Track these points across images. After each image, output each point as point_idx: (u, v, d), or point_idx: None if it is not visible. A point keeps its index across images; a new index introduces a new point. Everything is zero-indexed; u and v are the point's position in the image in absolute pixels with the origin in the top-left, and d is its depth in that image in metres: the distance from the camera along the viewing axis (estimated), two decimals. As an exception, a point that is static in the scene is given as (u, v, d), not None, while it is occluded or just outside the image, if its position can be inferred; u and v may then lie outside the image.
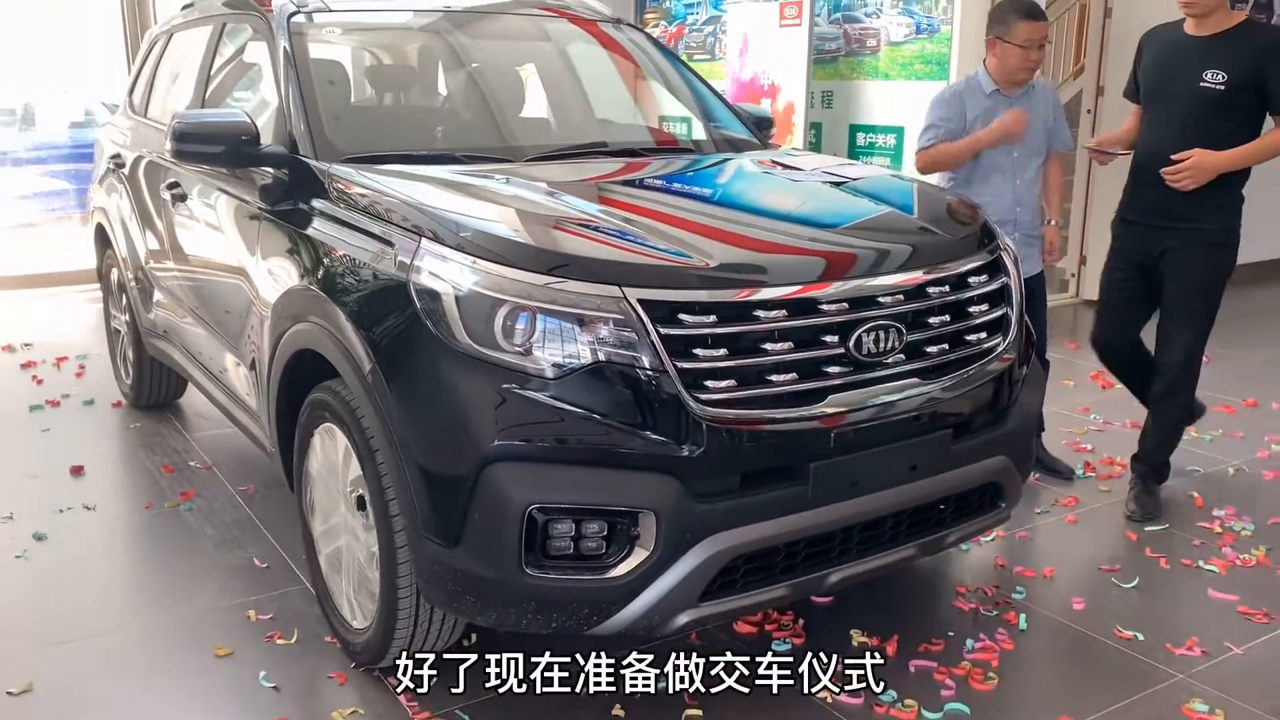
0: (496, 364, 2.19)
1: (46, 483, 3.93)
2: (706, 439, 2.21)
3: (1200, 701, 2.58)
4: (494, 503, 2.16)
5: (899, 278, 2.48)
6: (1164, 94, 3.63)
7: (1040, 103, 3.97)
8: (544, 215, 2.54)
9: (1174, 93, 3.58)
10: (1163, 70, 3.65)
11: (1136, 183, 3.73)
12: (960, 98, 3.90)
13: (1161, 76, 3.65)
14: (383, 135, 3.30)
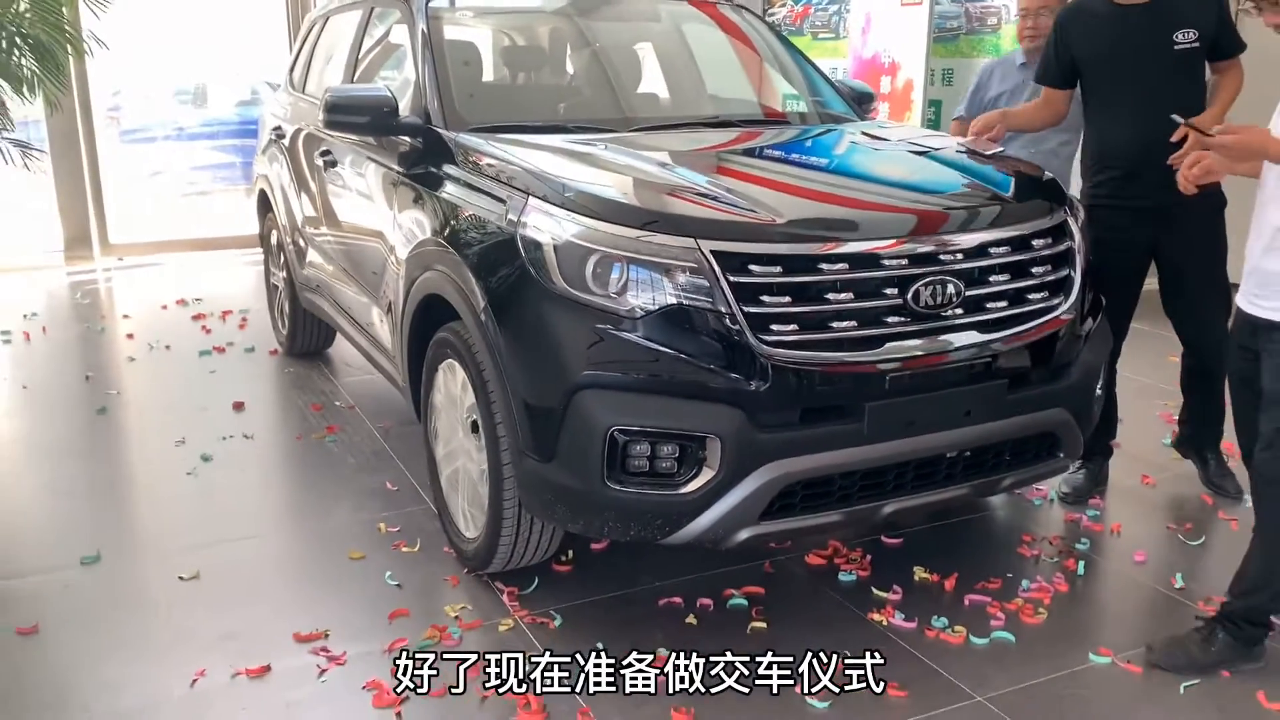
0: (586, 305, 2.52)
1: (212, 415, 4.48)
2: (769, 376, 2.49)
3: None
4: (581, 425, 2.50)
5: (957, 237, 2.71)
6: (1127, 67, 3.32)
7: None
8: (633, 176, 2.86)
9: (1141, 63, 3.30)
10: (1117, 42, 3.33)
11: (1128, 170, 3.36)
12: (992, 71, 4.14)
13: (1118, 48, 3.33)
14: (505, 108, 3.67)
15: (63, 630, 2.85)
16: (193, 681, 2.60)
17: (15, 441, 4.37)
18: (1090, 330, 3.01)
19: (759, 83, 4.00)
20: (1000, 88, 4.20)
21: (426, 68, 3.47)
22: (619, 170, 2.92)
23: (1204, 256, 3.43)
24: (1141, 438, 4.21)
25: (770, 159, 3.25)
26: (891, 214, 2.76)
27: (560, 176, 2.78)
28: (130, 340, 5.72)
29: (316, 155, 4.27)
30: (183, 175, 9.29)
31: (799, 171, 3.18)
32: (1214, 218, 3.42)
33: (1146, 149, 3.19)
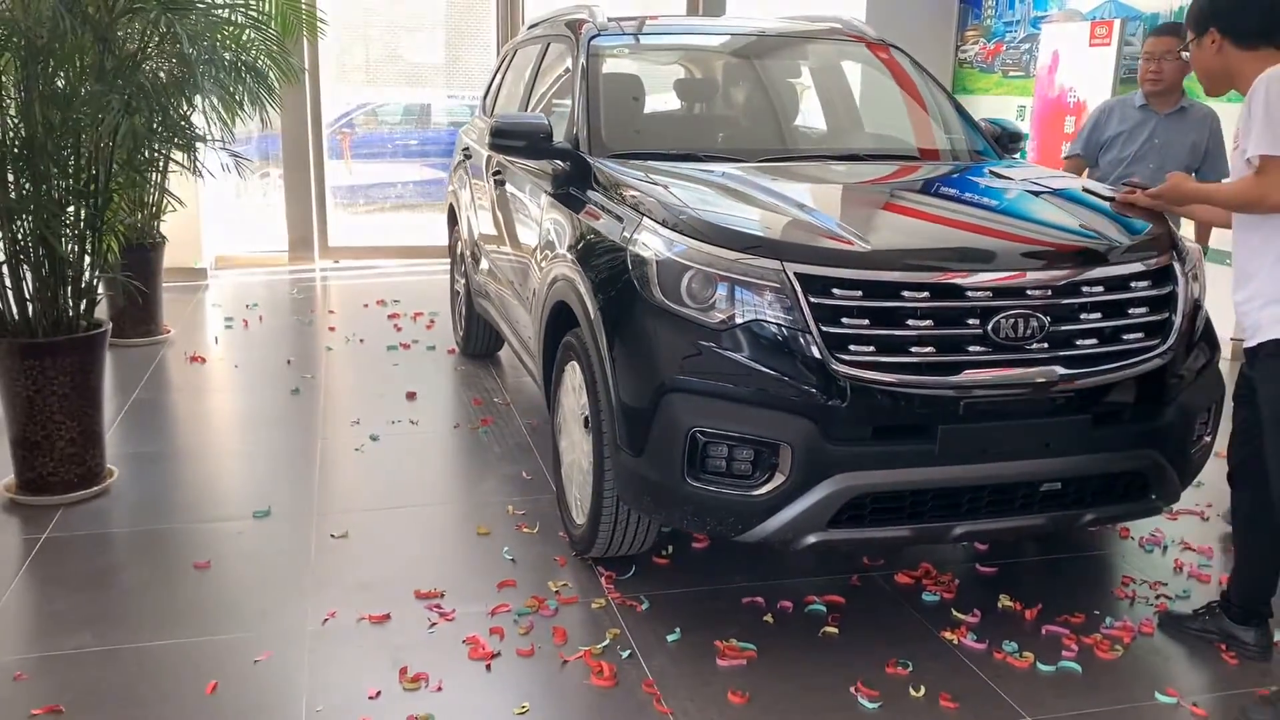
0: (679, 316, 2.79)
1: (387, 401, 5.01)
2: (843, 393, 2.68)
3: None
4: (667, 424, 2.77)
5: (1045, 273, 2.81)
6: None
7: (1193, 125, 4.15)
8: (738, 203, 3.11)
9: None
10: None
11: None
12: (1111, 110, 4.15)
13: None
14: (646, 137, 3.98)
15: (231, 568, 3.35)
16: (325, 620, 3.01)
17: (219, 412, 5.04)
18: (1195, 375, 3.01)
19: (897, 119, 4.15)
20: (1119, 127, 4.23)
21: (580, 97, 3.84)
22: (730, 196, 3.17)
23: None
24: None
25: (880, 190, 3.43)
26: (980, 246, 2.89)
27: (672, 200, 3.06)
28: (331, 332, 6.39)
29: (490, 175, 4.73)
30: (399, 189, 10.16)
31: (904, 202, 3.34)
32: None
33: None
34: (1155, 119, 4.22)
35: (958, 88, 8.69)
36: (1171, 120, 4.22)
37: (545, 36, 4.75)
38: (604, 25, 4.16)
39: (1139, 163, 4.22)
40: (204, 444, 4.58)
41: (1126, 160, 4.24)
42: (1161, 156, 4.20)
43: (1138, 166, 4.22)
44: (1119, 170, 4.25)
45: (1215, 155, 4.25)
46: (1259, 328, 2.65)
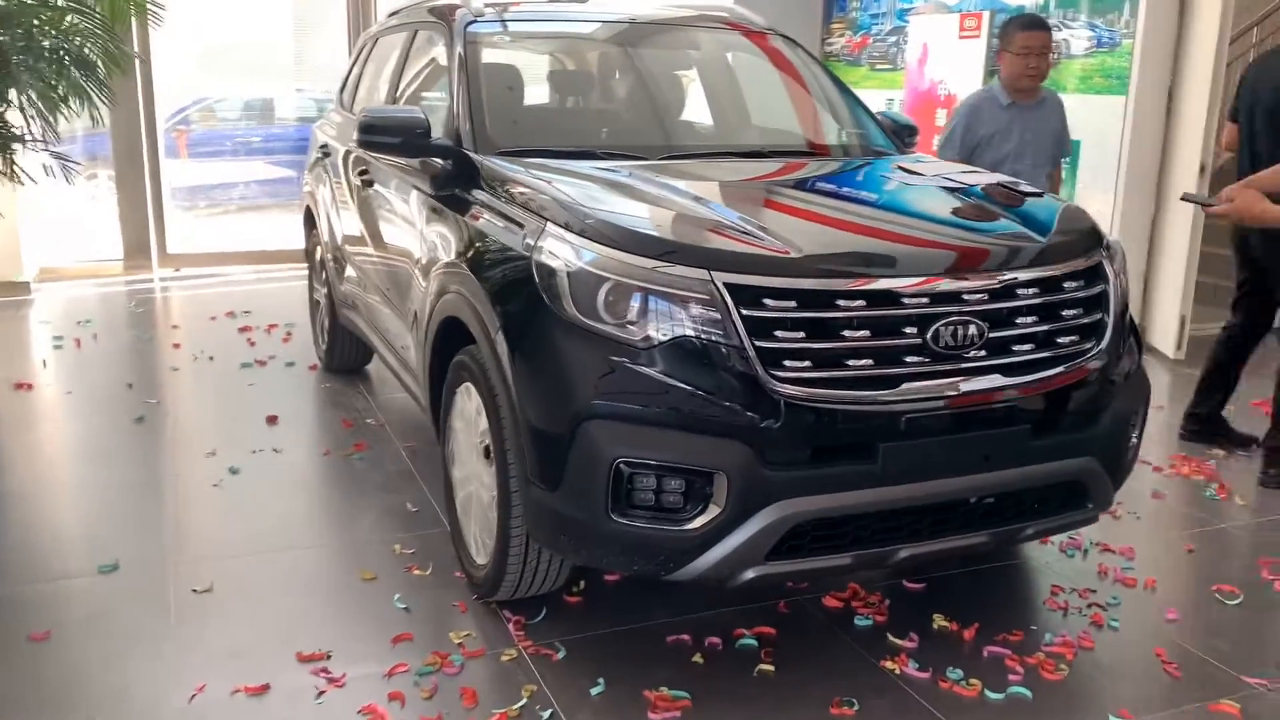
0: (597, 334, 2.49)
1: (246, 427, 4.53)
2: (780, 413, 2.44)
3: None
4: (587, 455, 2.47)
5: (981, 277, 2.63)
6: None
7: (1051, 113, 4.33)
8: (653, 205, 2.83)
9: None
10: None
11: None
12: (978, 111, 4.24)
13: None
14: (537, 132, 3.66)
15: (74, 638, 2.87)
16: (192, 696, 2.59)
17: (51, 447, 4.46)
18: (1125, 377, 2.90)
19: (797, 113, 3.95)
20: (991, 128, 4.31)
21: (460, 90, 3.49)
22: (639, 198, 2.89)
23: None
24: (1184, 490, 4.06)
25: (798, 191, 3.21)
26: (914, 251, 2.70)
27: (579, 203, 2.76)
28: (176, 350, 5.83)
29: (356, 174, 4.31)
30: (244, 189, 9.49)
31: (826, 204, 3.12)
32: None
33: None
34: (1021, 113, 4.28)
35: (823, 81, 8.63)
36: (1034, 112, 4.32)
37: (411, 24, 4.36)
38: (479, 11, 3.82)
39: (1018, 160, 4.29)
40: (34, 487, 4.01)
41: (1005, 159, 4.27)
42: (1034, 150, 4.32)
43: (1017, 164, 4.25)
44: (1005, 168, 4.25)
45: (1063, 139, 4.47)
46: None
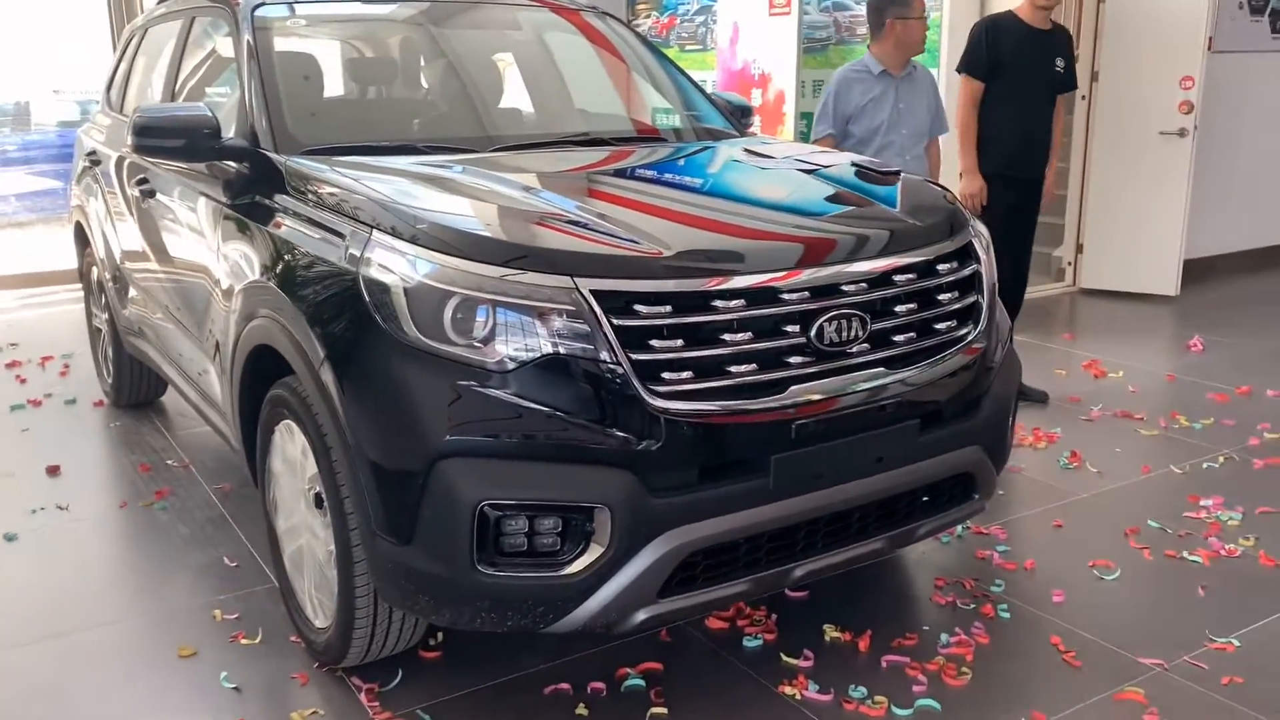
0: (445, 357, 2.14)
1: (21, 483, 3.90)
2: (662, 432, 2.16)
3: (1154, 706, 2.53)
4: (444, 499, 2.12)
5: (861, 265, 2.43)
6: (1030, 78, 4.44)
7: (922, 84, 4.31)
8: (497, 205, 2.49)
9: (1036, 77, 4.47)
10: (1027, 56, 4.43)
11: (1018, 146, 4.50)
12: (849, 82, 4.23)
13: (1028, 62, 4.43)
14: (347, 127, 3.24)
15: None
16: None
17: None
18: (1000, 359, 2.78)
19: (630, 96, 3.68)
20: (863, 97, 4.21)
21: (253, 83, 3.03)
22: (480, 197, 2.55)
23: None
24: (1038, 461, 4.05)
25: (650, 182, 2.93)
26: (788, 241, 2.47)
27: (410, 206, 2.39)
28: None
29: (133, 183, 3.76)
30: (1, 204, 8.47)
31: (683, 196, 2.86)
32: None
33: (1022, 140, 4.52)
34: (894, 83, 4.19)
35: (632, 64, 8.42)
36: (905, 83, 4.23)
37: (186, 10, 3.84)
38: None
39: (893, 130, 4.19)
40: None
41: (880, 128, 4.16)
42: (908, 120, 4.23)
43: (892, 134, 4.15)
44: (878, 140, 4.14)
45: (939, 112, 4.41)
46: None
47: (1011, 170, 4.49)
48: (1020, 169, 4.50)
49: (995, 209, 4.43)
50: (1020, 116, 4.45)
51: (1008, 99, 4.43)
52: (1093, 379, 5.11)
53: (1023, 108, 4.45)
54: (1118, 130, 6.70)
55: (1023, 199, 4.54)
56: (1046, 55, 4.49)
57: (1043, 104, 4.52)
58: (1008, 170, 4.49)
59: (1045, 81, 4.51)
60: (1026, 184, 4.54)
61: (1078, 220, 7.07)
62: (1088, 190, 6.95)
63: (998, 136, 4.46)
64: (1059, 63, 4.52)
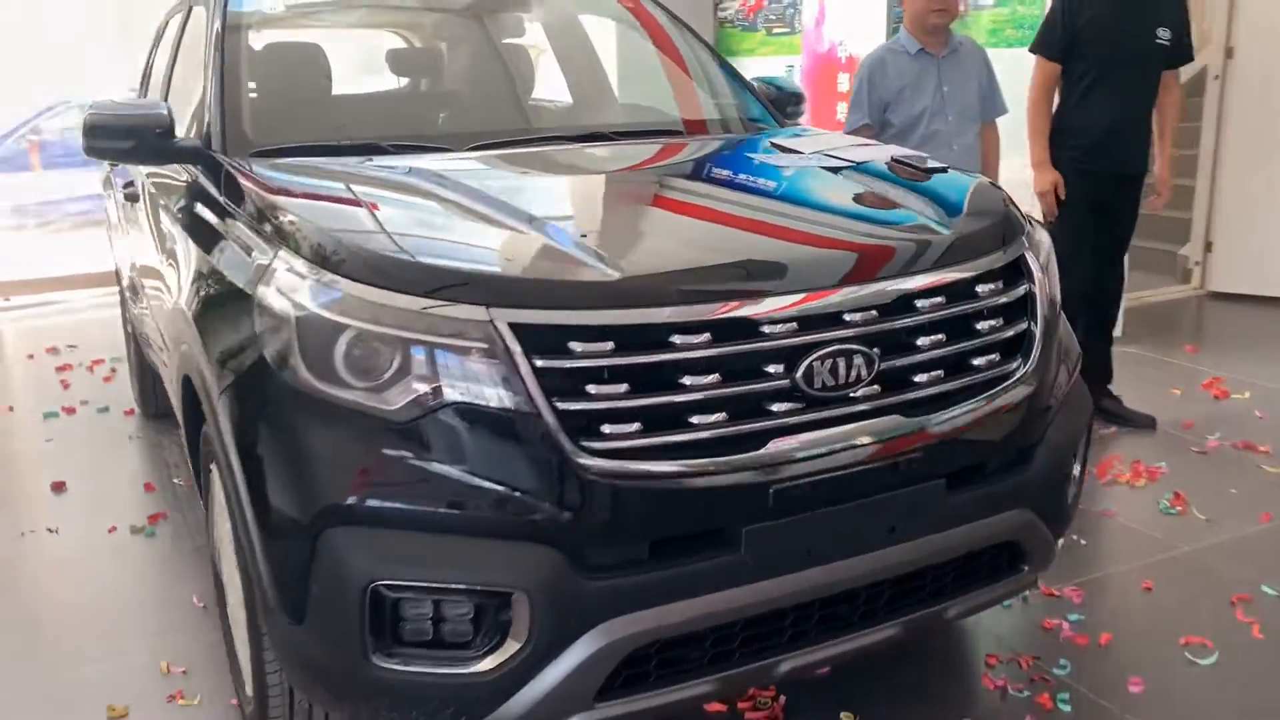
0: (337, 404, 1.77)
1: (23, 499, 3.74)
2: (598, 499, 1.75)
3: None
4: (332, 575, 1.76)
5: (870, 288, 1.96)
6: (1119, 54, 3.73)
7: (970, 62, 3.74)
8: (426, 217, 2.12)
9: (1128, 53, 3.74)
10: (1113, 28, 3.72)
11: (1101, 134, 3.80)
12: (882, 63, 3.67)
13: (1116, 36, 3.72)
14: (309, 125, 2.89)
15: None
16: None
17: None
18: (1061, 398, 2.26)
19: (642, 85, 3.25)
20: (900, 81, 3.67)
21: (213, 76, 2.73)
22: (412, 207, 2.18)
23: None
24: (1135, 503, 3.46)
25: (632, 185, 2.51)
26: (777, 259, 2.01)
27: (323, 218, 2.03)
28: None
29: (122, 186, 3.53)
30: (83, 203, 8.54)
31: (664, 203, 2.42)
32: None
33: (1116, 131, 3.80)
34: (935, 63, 3.66)
35: (721, 49, 7.95)
36: (950, 63, 3.69)
37: (185, 1, 3.58)
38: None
39: (937, 116, 3.63)
40: None
41: (923, 116, 3.62)
42: (955, 105, 3.68)
43: (937, 122, 3.60)
44: (921, 129, 3.60)
45: (993, 93, 3.82)
46: None
47: (1092, 164, 3.82)
48: (1103, 162, 3.82)
49: (1073, 208, 3.83)
50: (1106, 100, 3.75)
51: (1089, 79, 3.76)
52: (1213, 400, 4.44)
53: (1110, 89, 3.75)
54: (1255, 113, 5.93)
55: (1109, 198, 3.86)
56: (1144, 24, 3.73)
57: (1138, 83, 3.79)
58: (1087, 164, 3.82)
59: (1141, 56, 3.76)
60: (1114, 180, 3.85)
61: (1207, 214, 6.29)
62: (1219, 180, 6.18)
63: (1075, 124, 3.81)
64: (1162, 33, 3.74)
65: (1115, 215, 3.88)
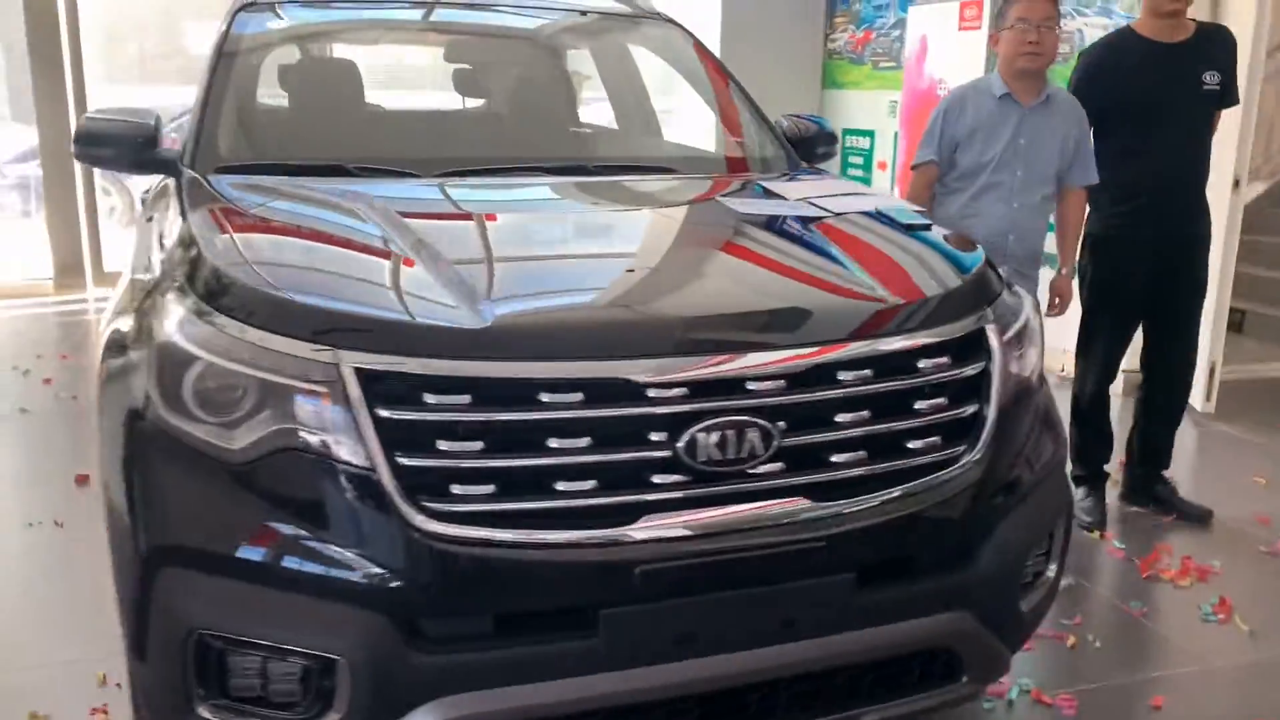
0: (182, 438, 1.70)
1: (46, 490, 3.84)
2: (434, 566, 1.62)
3: None
4: (162, 617, 1.69)
5: (774, 356, 1.77)
6: (1161, 106, 3.41)
7: (1060, 117, 3.32)
8: (315, 248, 2.04)
9: (1172, 103, 3.42)
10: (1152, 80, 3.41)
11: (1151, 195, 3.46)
12: (963, 101, 3.34)
13: (1155, 87, 3.41)
14: (281, 143, 2.84)
15: None
16: None
17: None
18: (1021, 493, 2.01)
19: (642, 119, 3.10)
20: (975, 123, 3.30)
21: (201, 90, 2.73)
22: (312, 237, 2.09)
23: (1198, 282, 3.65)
24: (1174, 604, 3.10)
25: (563, 225, 2.37)
26: (673, 315, 1.84)
27: (210, 244, 1.95)
28: (45, 386, 5.15)
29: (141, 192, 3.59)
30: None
31: (591, 246, 2.27)
32: None
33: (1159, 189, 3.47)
34: (1019, 112, 3.28)
35: (828, 81, 7.73)
36: (1036, 114, 3.30)
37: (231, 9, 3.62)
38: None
39: (1003, 168, 3.28)
40: None
41: (989, 165, 3.28)
42: (1028, 160, 3.30)
43: (1001, 173, 3.28)
44: (982, 178, 3.29)
45: (1082, 157, 3.38)
46: None
47: (1141, 228, 3.47)
48: (1154, 223, 3.46)
49: (1120, 277, 3.51)
50: (1150, 158, 3.42)
51: (1129, 138, 3.44)
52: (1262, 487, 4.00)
53: (1155, 147, 3.42)
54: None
55: (1166, 261, 3.49)
56: (1187, 72, 3.40)
57: (1185, 136, 3.45)
58: (1134, 229, 3.47)
59: (1185, 108, 3.43)
60: (1170, 242, 3.49)
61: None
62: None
63: (1119, 188, 3.45)
64: (1209, 77, 3.40)
65: (1177, 280, 3.51)
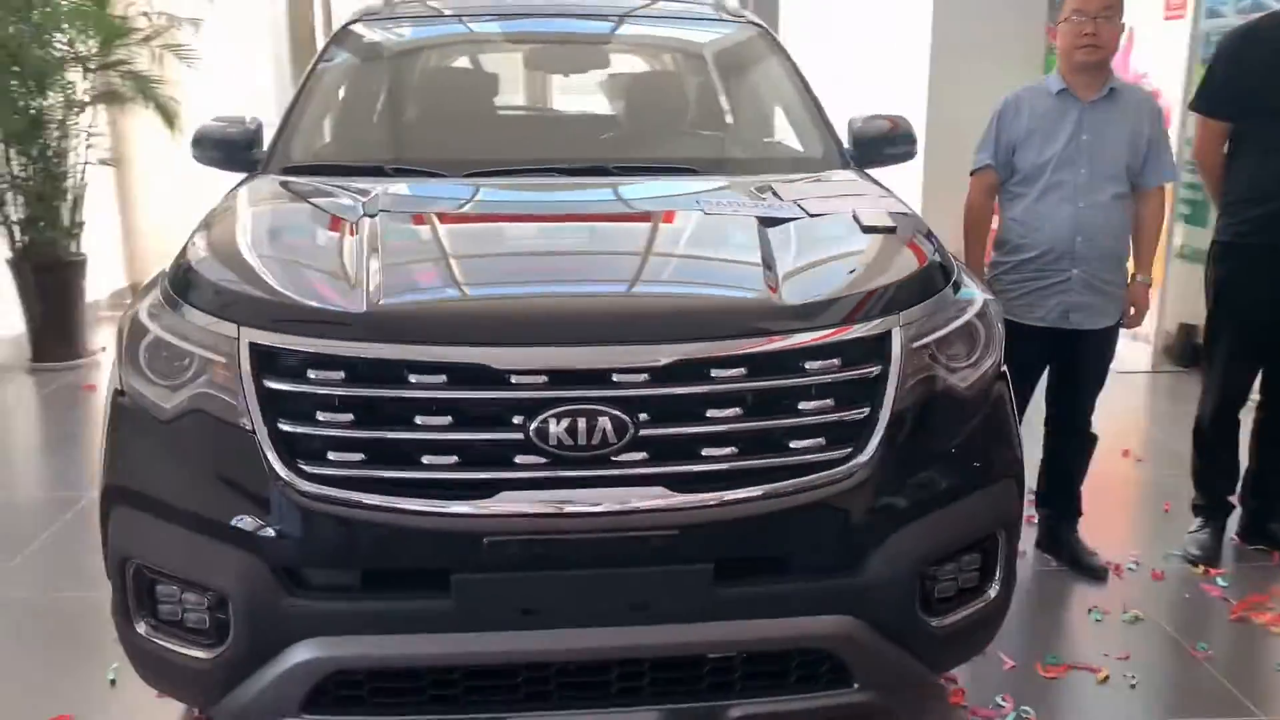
0: (135, 396, 2.02)
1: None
2: (306, 521, 1.84)
3: None
4: (110, 546, 2.02)
5: (635, 350, 1.84)
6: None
7: (1128, 112, 3.06)
8: (273, 240, 2.33)
9: None
10: None
11: None
12: (1018, 102, 3.12)
13: None
14: (345, 146, 3.12)
15: None
16: None
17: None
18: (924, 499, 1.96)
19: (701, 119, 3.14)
20: (1031, 123, 3.08)
21: (293, 95, 3.11)
22: (281, 232, 2.41)
23: None
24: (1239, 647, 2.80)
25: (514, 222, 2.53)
26: (544, 308, 1.96)
27: (219, 233, 2.28)
28: (87, 392, 5.16)
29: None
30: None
31: (518, 240, 2.42)
32: None
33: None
34: (1078, 108, 3.06)
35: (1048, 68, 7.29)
36: (1099, 109, 3.05)
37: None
38: (370, 9, 3.40)
39: (1065, 167, 3.07)
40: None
41: (1049, 164, 3.08)
42: (1092, 157, 3.06)
43: (1064, 172, 3.08)
44: (1044, 178, 3.10)
45: (1158, 152, 3.10)
46: None
47: (1267, 238, 3.14)
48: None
49: (1240, 291, 3.18)
50: None
51: (1260, 138, 3.11)
52: None
53: None
54: None
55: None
56: None
57: None
58: (1261, 238, 3.15)
59: None
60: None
61: None
62: None
63: (1256, 190, 3.14)
64: None
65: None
